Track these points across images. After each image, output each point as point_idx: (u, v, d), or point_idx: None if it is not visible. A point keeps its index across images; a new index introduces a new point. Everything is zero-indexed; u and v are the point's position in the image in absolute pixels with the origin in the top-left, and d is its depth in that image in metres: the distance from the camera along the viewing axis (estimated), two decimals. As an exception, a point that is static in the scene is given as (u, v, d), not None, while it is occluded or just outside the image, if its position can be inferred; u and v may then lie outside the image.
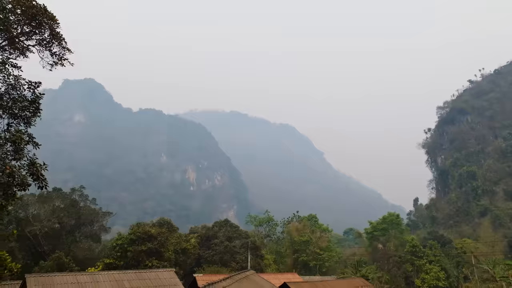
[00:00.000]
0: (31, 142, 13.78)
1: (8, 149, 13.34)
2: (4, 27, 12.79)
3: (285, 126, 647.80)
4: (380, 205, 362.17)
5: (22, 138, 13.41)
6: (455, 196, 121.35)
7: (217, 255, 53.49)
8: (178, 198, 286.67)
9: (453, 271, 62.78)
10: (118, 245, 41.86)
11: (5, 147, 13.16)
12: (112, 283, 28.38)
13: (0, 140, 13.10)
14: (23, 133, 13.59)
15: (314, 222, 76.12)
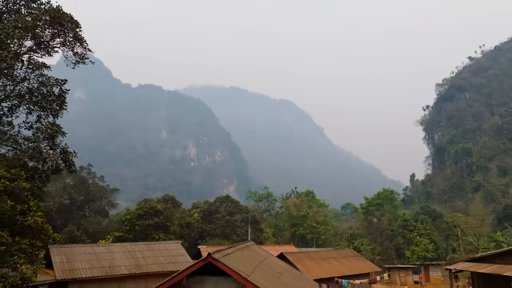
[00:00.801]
0: (60, 132, 15.92)
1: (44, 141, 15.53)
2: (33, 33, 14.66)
3: (285, 102, 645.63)
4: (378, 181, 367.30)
5: (58, 131, 15.57)
6: (450, 172, 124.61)
7: (219, 228, 56.57)
8: (179, 174, 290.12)
9: (442, 243, 66.42)
10: (127, 220, 44.75)
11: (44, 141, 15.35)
12: (125, 253, 31.28)
13: (39, 134, 15.24)
14: (58, 126, 15.73)
15: (311, 197, 79.26)
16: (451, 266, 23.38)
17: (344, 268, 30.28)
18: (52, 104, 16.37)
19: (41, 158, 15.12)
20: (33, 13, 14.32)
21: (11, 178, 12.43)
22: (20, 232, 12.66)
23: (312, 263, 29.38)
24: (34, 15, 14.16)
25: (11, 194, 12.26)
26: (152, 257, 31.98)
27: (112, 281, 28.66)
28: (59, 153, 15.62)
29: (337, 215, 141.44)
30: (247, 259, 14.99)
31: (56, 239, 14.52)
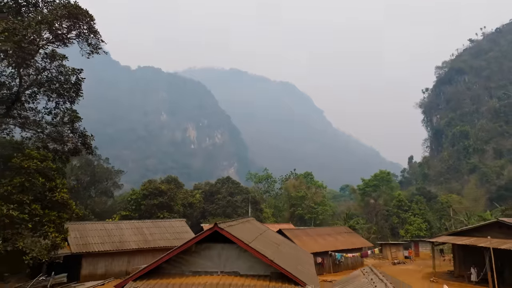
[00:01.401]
0: (78, 117, 17.52)
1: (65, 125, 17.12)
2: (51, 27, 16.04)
3: (286, 84, 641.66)
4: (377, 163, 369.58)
5: (77, 116, 17.14)
6: (447, 154, 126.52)
7: (220, 208, 58.69)
8: (179, 156, 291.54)
9: (436, 223, 68.82)
10: (133, 199, 46.78)
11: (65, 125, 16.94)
12: (133, 230, 33.40)
13: (59, 118, 16.84)
14: (75, 112, 17.29)
15: (310, 179, 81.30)
16: (434, 239, 25.45)
17: (338, 243, 32.44)
18: (69, 91, 17.87)
19: (62, 140, 16.76)
20: (52, 8, 15.66)
21: (41, 159, 14.09)
22: (48, 206, 14.41)
23: (308, 238, 31.47)
24: (54, 11, 15.50)
25: (42, 173, 13.95)
26: (158, 234, 34.12)
27: (122, 255, 30.87)
28: (78, 137, 17.25)
29: (335, 197, 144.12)
30: (248, 231, 16.85)
31: (79, 214, 16.27)
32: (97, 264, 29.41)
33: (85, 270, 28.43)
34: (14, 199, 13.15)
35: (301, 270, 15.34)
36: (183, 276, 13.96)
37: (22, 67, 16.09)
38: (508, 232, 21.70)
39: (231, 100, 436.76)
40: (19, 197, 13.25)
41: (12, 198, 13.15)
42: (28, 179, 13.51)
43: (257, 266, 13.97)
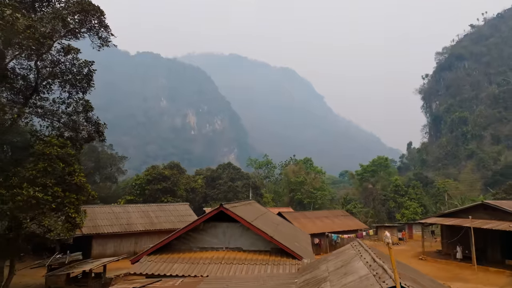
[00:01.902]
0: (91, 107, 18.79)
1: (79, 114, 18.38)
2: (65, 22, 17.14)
3: (286, 69, 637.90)
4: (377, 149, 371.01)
5: (90, 106, 18.39)
6: (445, 140, 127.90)
7: (221, 193, 60.33)
8: (180, 142, 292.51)
9: (432, 207, 70.69)
10: (137, 185, 48.34)
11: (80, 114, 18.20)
12: (140, 213, 35.00)
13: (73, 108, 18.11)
14: (89, 102, 18.54)
15: (309, 164, 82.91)
16: (423, 220, 27.09)
17: (335, 225, 34.10)
18: (81, 82, 19.04)
19: (77, 129, 18.06)
20: (66, 5, 16.71)
21: (60, 146, 15.41)
22: (68, 189, 15.82)
23: (306, 220, 33.11)
24: (68, 7, 16.56)
25: (61, 158, 15.29)
26: (163, 217, 35.73)
27: (130, 237, 32.56)
28: (91, 125, 18.54)
29: (335, 182, 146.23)
30: (250, 211, 18.31)
31: (94, 196, 17.72)
32: (106, 245, 31.13)
33: (95, 250, 30.16)
34: (38, 182, 14.52)
35: (298, 246, 16.85)
36: (192, 251, 15.48)
37: (40, 61, 17.25)
38: (492, 213, 23.27)
39: (231, 86, 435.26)
40: (42, 180, 14.62)
41: (37, 181, 14.52)
42: (50, 164, 14.86)
43: (258, 243, 15.47)
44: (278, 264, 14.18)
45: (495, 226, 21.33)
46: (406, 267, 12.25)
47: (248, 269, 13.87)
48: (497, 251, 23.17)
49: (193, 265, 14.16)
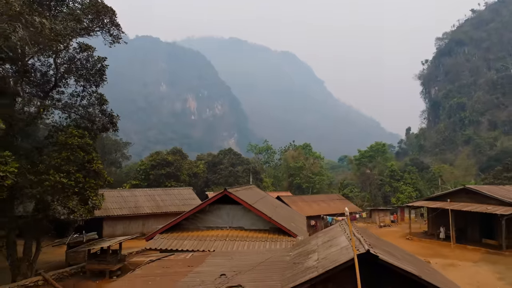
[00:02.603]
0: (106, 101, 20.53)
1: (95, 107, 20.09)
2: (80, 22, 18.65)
3: (286, 53, 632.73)
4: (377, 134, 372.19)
5: (105, 100, 20.06)
6: (443, 126, 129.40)
7: (222, 178, 62.35)
8: (180, 127, 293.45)
9: (427, 191, 72.87)
10: (142, 170, 50.30)
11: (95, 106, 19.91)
12: (146, 197, 37.05)
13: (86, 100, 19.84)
14: (102, 95, 20.23)
15: (308, 150, 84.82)
16: (410, 203, 29.14)
17: (330, 208, 36.16)
18: (94, 76, 20.66)
19: (93, 120, 19.79)
20: (82, 7, 18.19)
21: (80, 136, 17.16)
22: (88, 175, 17.66)
23: (304, 204, 35.14)
24: (84, 9, 18.04)
25: (81, 148, 17.06)
26: (169, 200, 37.78)
27: (138, 219, 34.69)
28: (106, 117, 20.24)
29: (333, 167, 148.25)
30: (251, 195, 20.21)
31: (110, 181, 19.60)
32: (116, 226, 33.26)
33: (106, 231, 32.29)
34: (63, 169, 16.29)
35: (294, 226, 18.82)
36: (199, 230, 17.45)
37: (58, 58, 18.82)
38: (473, 197, 25.22)
39: (231, 71, 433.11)
40: (66, 167, 16.39)
41: (62, 168, 16.28)
42: (72, 153, 16.59)
43: (258, 223, 17.42)
44: (275, 241, 16.15)
45: (474, 208, 23.33)
46: (387, 243, 14.19)
47: (249, 245, 15.84)
48: (476, 231, 25.27)
49: (200, 241, 16.13)
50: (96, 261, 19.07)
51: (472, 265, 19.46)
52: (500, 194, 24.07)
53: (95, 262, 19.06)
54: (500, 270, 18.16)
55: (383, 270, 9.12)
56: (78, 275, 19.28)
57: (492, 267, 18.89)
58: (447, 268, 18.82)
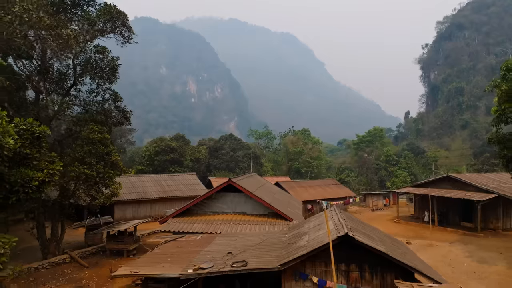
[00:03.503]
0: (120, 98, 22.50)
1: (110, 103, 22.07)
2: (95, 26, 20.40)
3: (286, 35, 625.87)
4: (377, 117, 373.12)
5: (120, 97, 21.98)
6: (441, 110, 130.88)
7: (224, 163, 64.60)
8: (180, 110, 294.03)
9: (421, 175, 75.35)
10: (147, 156, 52.47)
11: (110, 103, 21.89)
12: (153, 182, 39.34)
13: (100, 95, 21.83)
14: (118, 93, 22.14)
15: (307, 135, 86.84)
16: (398, 189, 31.48)
17: (326, 193, 38.50)
18: (108, 74, 22.53)
19: (108, 116, 21.79)
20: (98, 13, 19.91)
21: (100, 131, 19.20)
22: (107, 166, 19.79)
23: (301, 189, 37.45)
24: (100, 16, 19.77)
25: (101, 142, 19.13)
26: (174, 185, 40.09)
27: (146, 203, 37.06)
28: (120, 112, 22.24)
29: (333, 151, 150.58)
30: (252, 183, 22.41)
31: (125, 171, 21.75)
32: (126, 210, 35.65)
33: (117, 214, 34.66)
34: (86, 161, 18.40)
35: (291, 211, 21.11)
36: (206, 214, 19.72)
37: (76, 59, 20.66)
38: (455, 184, 27.46)
39: (231, 53, 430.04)
40: (88, 160, 18.50)
41: (85, 160, 18.40)
42: (94, 147, 18.71)
43: (258, 208, 19.67)
44: (274, 224, 18.44)
45: (454, 195, 25.58)
46: (368, 227, 16.41)
47: (250, 228, 18.12)
48: (456, 215, 27.61)
49: (208, 225, 18.41)
50: (115, 242, 21.43)
51: (448, 245, 21.81)
52: (479, 182, 26.31)
53: (114, 243, 21.43)
54: (470, 250, 20.51)
55: (360, 248, 11.38)
56: (99, 254, 21.68)
57: (464, 247, 21.25)
58: (426, 248, 21.21)
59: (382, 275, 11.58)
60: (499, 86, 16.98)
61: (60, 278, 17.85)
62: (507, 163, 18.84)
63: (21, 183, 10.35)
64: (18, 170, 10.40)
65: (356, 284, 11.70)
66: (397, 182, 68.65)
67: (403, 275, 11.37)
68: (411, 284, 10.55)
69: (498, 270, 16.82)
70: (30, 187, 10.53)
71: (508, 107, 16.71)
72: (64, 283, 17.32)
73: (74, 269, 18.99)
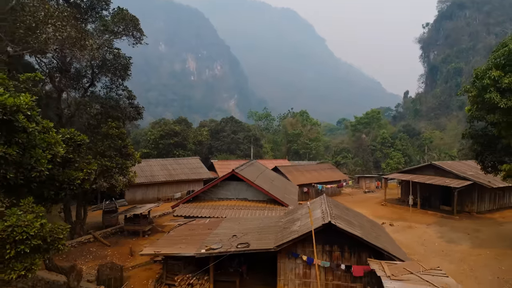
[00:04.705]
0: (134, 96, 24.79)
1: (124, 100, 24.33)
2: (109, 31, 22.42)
3: (287, 10, 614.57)
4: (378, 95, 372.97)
5: (133, 95, 24.24)
6: (439, 91, 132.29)
7: (225, 145, 67.10)
8: (180, 88, 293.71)
9: (416, 156, 78.10)
10: (151, 139, 54.91)
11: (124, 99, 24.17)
12: (160, 166, 41.98)
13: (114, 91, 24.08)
14: (131, 91, 24.38)
15: (305, 117, 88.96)
16: (385, 175, 34.18)
17: (321, 177, 41.23)
18: (121, 71, 24.70)
19: (123, 112, 24.12)
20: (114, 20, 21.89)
21: (117, 127, 21.60)
22: (124, 157, 22.31)
23: (298, 173, 40.12)
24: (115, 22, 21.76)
25: (119, 137, 21.57)
26: (179, 169, 42.79)
27: (153, 186, 39.82)
28: (133, 108, 24.57)
29: (332, 130, 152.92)
30: (252, 172, 25.00)
31: (140, 161, 24.31)
32: (136, 193, 38.43)
33: (128, 197, 37.41)
34: (106, 154, 20.93)
35: (287, 197, 23.80)
36: (213, 201, 22.41)
37: (93, 60, 22.77)
38: (437, 171, 30.10)
39: (230, 29, 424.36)
40: (109, 153, 21.02)
41: (106, 153, 20.93)
42: (113, 142, 21.18)
43: (258, 195, 22.32)
44: (271, 210, 21.14)
45: (434, 181, 28.26)
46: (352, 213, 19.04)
47: (251, 213, 20.83)
48: (437, 199, 30.38)
49: (215, 210, 21.12)
50: (131, 224, 24.23)
51: (425, 227, 24.59)
52: (458, 170, 28.91)
53: (131, 224, 24.23)
54: (443, 231, 23.28)
55: (341, 233, 14.06)
56: (117, 234, 24.51)
57: (439, 228, 24.02)
58: (406, 229, 24.01)
59: (359, 254, 14.32)
60: (469, 91, 19.20)
61: (87, 255, 20.72)
62: (477, 156, 21.34)
63: (67, 182, 12.85)
64: (65, 171, 12.87)
65: (337, 261, 14.45)
66: (392, 163, 71.28)
67: (375, 254, 14.09)
68: (380, 262, 13.28)
69: (461, 249, 19.63)
70: (74, 185, 13.05)
71: (475, 109, 19.03)
72: (91, 259, 20.18)
73: (98, 248, 21.86)
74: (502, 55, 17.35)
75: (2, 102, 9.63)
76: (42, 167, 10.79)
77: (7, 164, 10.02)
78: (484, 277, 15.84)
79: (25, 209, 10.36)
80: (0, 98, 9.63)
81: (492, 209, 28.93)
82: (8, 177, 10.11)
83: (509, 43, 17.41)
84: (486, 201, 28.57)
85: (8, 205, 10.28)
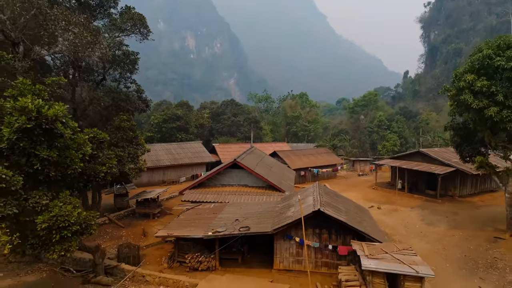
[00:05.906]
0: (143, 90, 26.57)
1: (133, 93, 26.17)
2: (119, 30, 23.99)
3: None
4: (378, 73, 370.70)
5: (142, 90, 26.04)
6: (438, 71, 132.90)
7: (225, 127, 68.92)
8: (179, 67, 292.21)
9: (412, 138, 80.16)
10: (155, 123, 56.80)
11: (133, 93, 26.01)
12: (164, 151, 44.11)
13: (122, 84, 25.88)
14: (140, 86, 26.16)
15: (305, 99, 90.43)
16: (376, 162, 36.43)
17: (318, 161, 43.44)
18: (129, 65, 26.41)
19: (133, 104, 25.99)
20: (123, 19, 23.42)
21: (128, 120, 23.56)
22: (134, 147, 24.38)
23: (295, 158, 42.29)
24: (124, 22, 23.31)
25: (130, 129, 23.57)
26: (183, 153, 44.94)
27: (159, 170, 42.06)
28: (141, 101, 26.42)
29: (331, 110, 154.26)
30: (252, 160, 27.13)
31: (148, 150, 26.40)
32: (143, 177, 40.46)
33: (135, 181, 39.50)
34: (119, 145, 22.99)
35: (284, 183, 26.02)
36: (216, 187, 24.64)
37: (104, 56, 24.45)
38: (425, 158, 32.27)
39: (229, 6, 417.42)
40: (121, 144, 23.09)
41: (118, 144, 22.99)
42: (124, 133, 23.20)
43: (258, 181, 24.53)
44: (269, 195, 23.39)
45: (420, 168, 30.47)
46: (341, 199, 21.26)
47: (252, 198, 23.08)
48: (423, 184, 32.68)
49: (218, 195, 23.37)
50: (142, 207, 26.59)
51: (409, 210, 26.94)
52: (443, 157, 31.03)
53: (142, 208, 26.60)
54: (425, 214, 25.63)
55: (329, 218, 16.30)
56: (129, 217, 26.90)
57: (421, 211, 26.37)
58: (391, 212, 26.38)
59: (344, 236, 16.64)
60: (448, 91, 21.01)
61: (104, 235, 23.12)
62: (456, 147, 23.36)
63: (93, 175, 14.99)
64: (90, 166, 14.97)
65: (326, 242, 16.78)
66: (388, 145, 73.32)
67: (358, 236, 16.40)
68: (361, 243, 15.59)
69: (438, 231, 21.98)
70: (99, 177, 15.20)
71: (454, 107, 20.93)
72: (108, 239, 22.58)
73: (113, 229, 24.26)
74: (477, 60, 19.02)
75: (44, 114, 11.60)
76: (76, 166, 12.91)
77: (49, 164, 12.12)
78: (454, 255, 18.22)
79: (63, 200, 12.54)
80: (43, 110, 11.59)
81: (474, 193, 31.32)
82: (51, 175, 12.22)
83: (484, 49, 19.06)
84: (468, 185, 30.90)
85: (51, 198, 12.43)
